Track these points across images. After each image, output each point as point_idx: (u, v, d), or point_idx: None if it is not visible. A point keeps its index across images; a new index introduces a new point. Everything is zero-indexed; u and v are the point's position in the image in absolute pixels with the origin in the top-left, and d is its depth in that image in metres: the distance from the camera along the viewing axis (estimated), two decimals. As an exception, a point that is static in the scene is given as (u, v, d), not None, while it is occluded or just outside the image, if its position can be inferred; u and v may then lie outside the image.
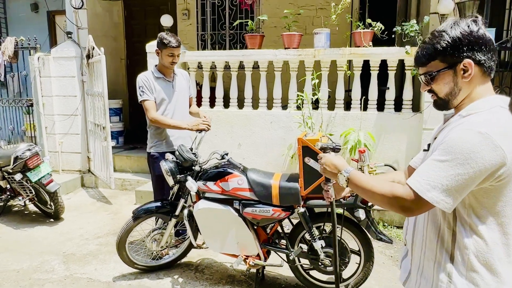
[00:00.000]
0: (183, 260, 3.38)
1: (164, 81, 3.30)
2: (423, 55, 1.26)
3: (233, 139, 4.91)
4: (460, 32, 1.18)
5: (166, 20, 5.08)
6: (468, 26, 1.18)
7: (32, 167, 4.13)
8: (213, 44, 7.04)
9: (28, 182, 4.20)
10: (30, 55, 5.73)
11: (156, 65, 3.35)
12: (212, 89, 5.15)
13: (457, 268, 1.20)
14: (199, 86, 5.92)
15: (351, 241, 2.80)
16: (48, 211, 4.43)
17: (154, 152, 3.34)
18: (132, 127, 7.19)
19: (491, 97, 1.21)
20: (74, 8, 5.61)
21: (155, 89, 3.24)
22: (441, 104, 1.28)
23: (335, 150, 1.59)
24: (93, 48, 5.15)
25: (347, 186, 1.34)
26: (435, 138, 1.30)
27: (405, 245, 1.43)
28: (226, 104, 5.06)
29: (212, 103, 5.14)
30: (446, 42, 1.19)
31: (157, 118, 3.18)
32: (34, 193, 4.30)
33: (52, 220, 4.45)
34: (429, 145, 1.36)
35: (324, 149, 1.56)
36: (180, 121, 3.19)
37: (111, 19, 6.99)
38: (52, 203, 4.32)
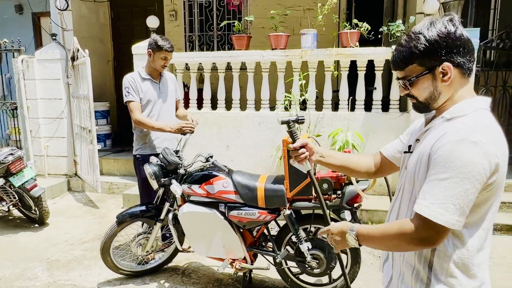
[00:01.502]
0: (170, 264, 3.33)
1: (150, 82, 3.25)
2: (400, 60, 1.19)
3: (221, 140, 4.88)
4: (437, 34, 1.12)
5: (152, 22, 5.03)
6: (445, 27, 1.12)
7: (15, 171, 4.05)
8: (201, 45, 7.00)
9: (11, 187, 4.11)
10: (14, 57, 5.63)
11: (143, 67, 3.31)
12: (200, 91, 5.11)
13: (436, 276, 1.18)
14: (186, 87, 5.87)
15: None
16: (32, 216, 4.35)
17: (140, 154, 3.29)
18: (120, 130, 7.10)
19: (473, 99, 1.18)
20: (59, 9, 5.53)
21: (141, 90, 3.20)
22: (421, 107, 1.24)
23: (299, 121, 1.45)
24: (78, 50, 5.07)
25: (359, 245, 1.28)
26: (417, 140, 1.27)
27: None
28: (214, 106, 5.02)
29: (199, 105, 5.10)
30: (423, 46, 1.13)
31: (141, 119, 3.13)
32: (17, 198, 4.21)
33: (36, 225, 4.36)
34: (409, 147, 1.32)
35: (287, 123, 1.40)
36: (164, 124, 3.14)
37: (97, 21, 6.90)
38: (36, 208, 4.24)
